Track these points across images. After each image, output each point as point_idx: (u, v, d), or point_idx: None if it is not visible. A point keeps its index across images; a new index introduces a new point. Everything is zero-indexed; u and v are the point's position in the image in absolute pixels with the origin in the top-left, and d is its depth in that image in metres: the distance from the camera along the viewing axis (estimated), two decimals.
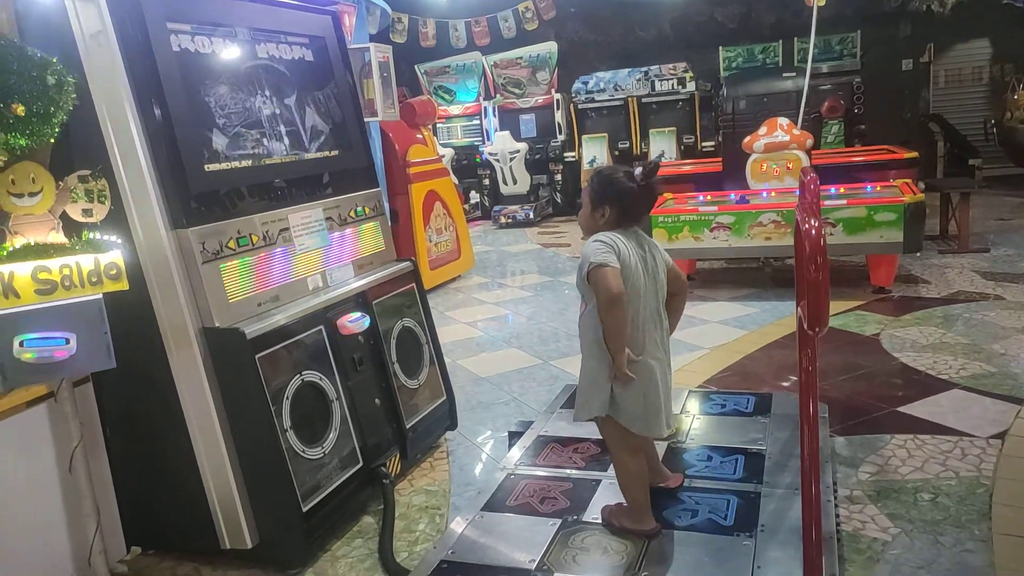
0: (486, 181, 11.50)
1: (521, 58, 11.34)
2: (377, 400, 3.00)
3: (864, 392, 3.65)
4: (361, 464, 2.80)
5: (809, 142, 6.20)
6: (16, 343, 1.92)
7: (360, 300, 3.00)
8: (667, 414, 2.28)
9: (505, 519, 2.46)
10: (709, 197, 6.12)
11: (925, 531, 2.44)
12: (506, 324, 5.60)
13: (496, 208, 10.98)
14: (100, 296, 2.04)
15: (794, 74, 6.50)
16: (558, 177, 11.37)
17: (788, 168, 6.23)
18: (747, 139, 6.33)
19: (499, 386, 4.23)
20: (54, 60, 1.97)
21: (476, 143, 11.83)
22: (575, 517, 2.42)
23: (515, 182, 10.95)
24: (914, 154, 6.66)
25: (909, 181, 5.87)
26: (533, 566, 2.16)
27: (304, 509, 2.48)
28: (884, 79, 10.85)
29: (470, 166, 11.66)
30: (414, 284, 3.37)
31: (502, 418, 3.74)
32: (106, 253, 2.05)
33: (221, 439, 2.42)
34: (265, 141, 2.76)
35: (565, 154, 11.21)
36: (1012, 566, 2.21)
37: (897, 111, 11.14)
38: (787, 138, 6.18)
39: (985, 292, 5.27)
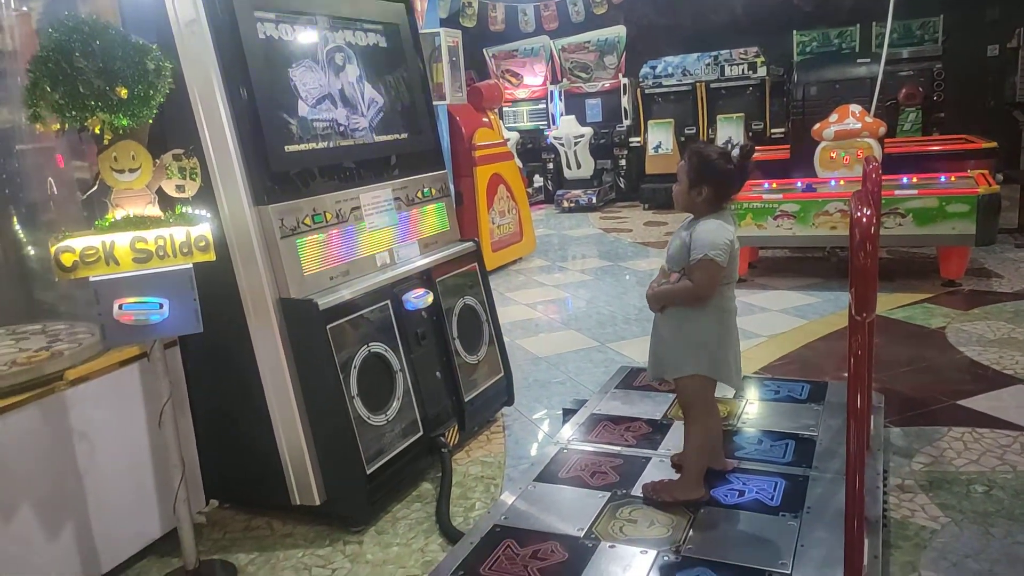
0: (550, 165, 11.55)
1: (589, 42, 11.33)
2: (438, 373, 3.14)
3: (925, 384, 3.62)
4: (421, 433, 2.94)
5: (882, 130, 6.06)
6: (116, 306, 2.11)
7: (425, 277, 3.13)
8: (736, 364, 2.43)
9: (556, 490, 2.57)
10: (774, 184, 6.05)
11: (975, 522, 2.45)
12: (565, 307, 5.69)
13: (559, 192, 11.04)
14: (190, 265, 2.21)
15: (868, 60, 6.33)
16: (622, 162, 11.35)
17: (859, 156, 6.10)
18: (817, 126, 6.23)
19: (556, 366, 4.33)
20: (154, 47, 2.14)
21: (541, 127, 11.88)
22: (624, 491, 2.51)
23: (579, 167, 10.98)
24: (992, 144, 6.45)
25: (986, 172, 5.70)
26: (581, 534, 2.27)
27: (368, 471, 2.64)
28: (967, 65, 10.43)
29: (535, 150, 11.73)
30: (476, 264, 3.49)
31: (557, 396, 3.85)
32: (196, 226, 2.23)
33: (294, 402, 2.59)
34: (340, 124, 2.90)
35: (630, 139, 11.17)
36: None
37: (980, 99, 10.70)
38: (859, 126, 6.06)
39: None
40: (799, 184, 5.99)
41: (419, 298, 3.01)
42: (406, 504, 2.87)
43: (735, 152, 2.26)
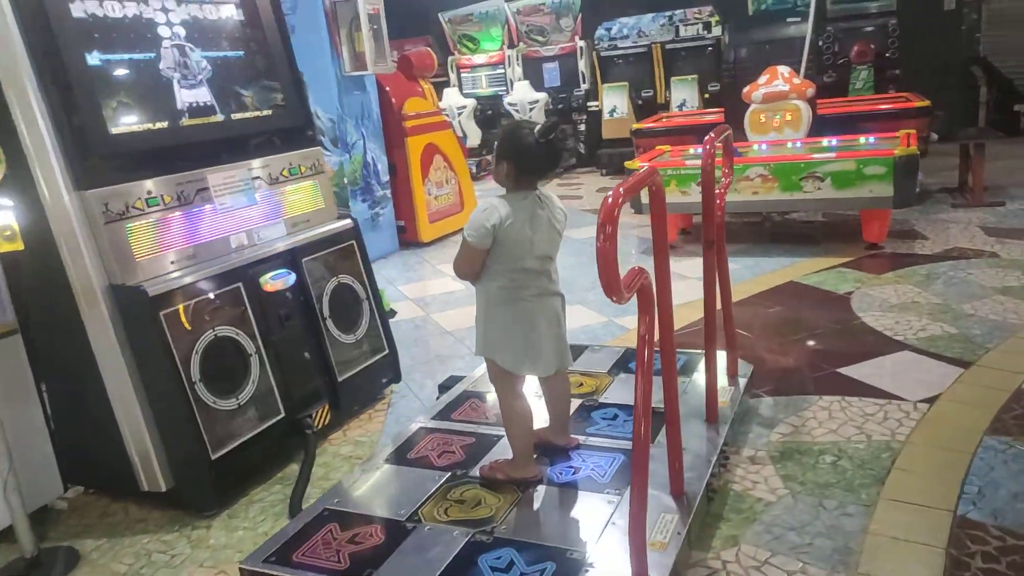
0: None
1: (544, 4, 11.13)
2: (306, 354, 3.10)
3: (811, 352, 3.60)
4: (283, 415, 2.92)
5: (810, 91, 5.98)
6: None
7: (288, 257, 3.08)
8: (552, 354, 2.34)
9: (400, 471, 2.56)
10: (693, 150, 5.98)
11: (812, 494, 2.44)
12: None
13: None
14: None
15: (799, 19, 6.23)
16: (581, 127, 11.22)
17: (788, 119, 6.04)
18: (746, 88, 6.15)
19: (462, 340, 4.30)
20: None
21: (501, 93, 11.71)
22: (463, 471, 2.50)
23: None
24: (925, 102, 6.37)
25: (913, 132, 5.62)
26: (404, 517, 2.25)
27: (213, 457, 2.61)
28: (924, 20, 10.26)
29: (495, 116, 11.57)
30: (354, 241, 3.43)
31: (454, 371, 3.81)
32: None
33: (132, 390, 2.56)
34: (182, 103, 2.82)
35: (588, 104, 11.04)
36: (884, 531, 2.21)
37: (937, 55, 10.55)
38: (787, 87, 5.97)
39: (982, 249, 5.07)
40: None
41: (278, 278, 2.97)
42: (267, 487, 2.86)
43: (537, 128, 2.19)
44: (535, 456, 2.47)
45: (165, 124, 2.75)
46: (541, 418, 2.60)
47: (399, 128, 6.61)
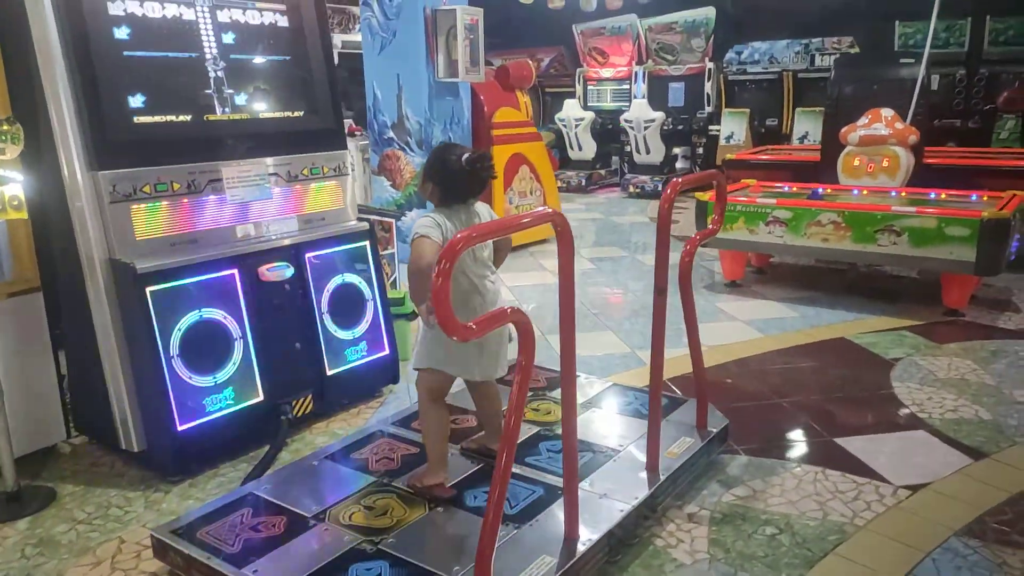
0: (627, 148, 11.32)
1: (676, 23, 10.94)
2: (297, 345, 3.28)
3: (815, 416, 3.38)
4: (262, 399, 3.10)
5: (912, 138, 5.56)
6: None
7: (291, 252, 3.26)
8: (488, 361, 2.42)
9: (335, 469, 2.67)
10: (762, 187, 5.72)
11: (731, 564, 2.32)
12: (542, 295, 5.65)
13: (627, 176, 10.83)
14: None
15: (912, 60, 5.79)
16: (700, 151, 10.96)
17: (884, 166, 5.65)
18: (844, 129, 5.81)
19: None
20: None
21: (624, 108, 11.63)
22: (388, 480, 2.57)
23: (648, 152, 10.70)
24: None
25: (1020, 193, 5.10)
26: (311, 514, 2.36)
27: (180, 427, 2.83)
28: None
29: (615, 131, 11.52)
30: (367, 243, 3.58)
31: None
32: (7, 186, 2.47)
33: (118, 355, 2.82)
34: (209, 99, 3.06)
35: (711, 127, 10.76)
36: None
37: None
38: (887, 132, 5.59)
39: None
40: (794, 190, 5.63)
41: (274, 270, 3.15)
42: (235, 464, 3.04)
43: (466, 156, 2.26)
44: (452, 483, 2.50)
45: (188, 118, 2.99)
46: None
47: (486, 136, 6.76)
